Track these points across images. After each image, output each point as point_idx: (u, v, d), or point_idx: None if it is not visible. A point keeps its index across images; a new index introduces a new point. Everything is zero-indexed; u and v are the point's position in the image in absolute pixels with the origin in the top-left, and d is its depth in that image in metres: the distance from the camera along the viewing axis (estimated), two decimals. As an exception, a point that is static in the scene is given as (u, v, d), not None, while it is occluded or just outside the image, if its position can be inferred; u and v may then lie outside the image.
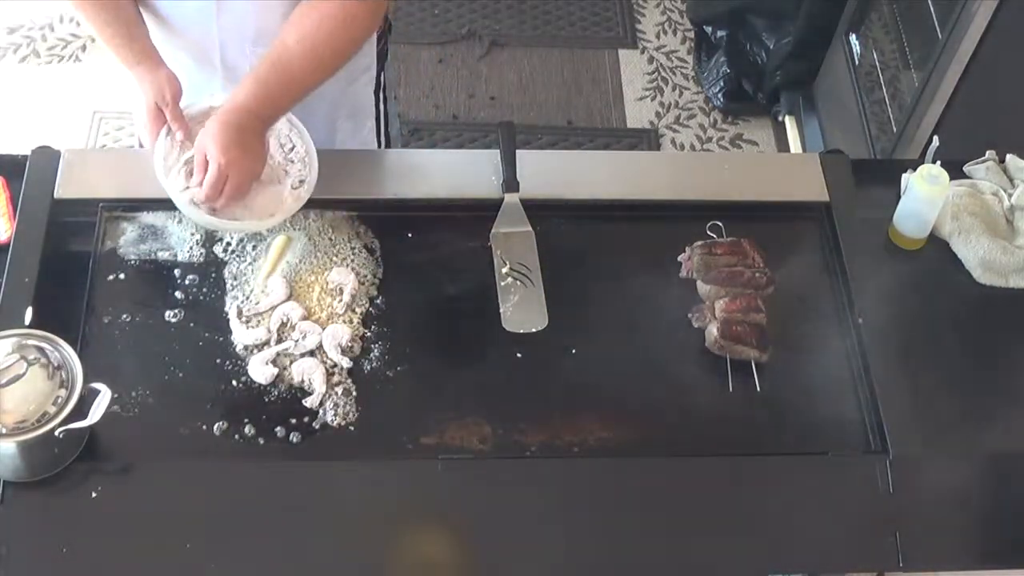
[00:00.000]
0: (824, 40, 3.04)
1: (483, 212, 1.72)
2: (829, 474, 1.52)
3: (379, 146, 2.03)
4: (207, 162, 1.58)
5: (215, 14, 1.71)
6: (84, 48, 3.29)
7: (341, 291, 1.62)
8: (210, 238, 1.67)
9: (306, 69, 1.61)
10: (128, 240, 1.66)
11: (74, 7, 1.68)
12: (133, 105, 1.70)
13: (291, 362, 1.55)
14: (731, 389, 1.58)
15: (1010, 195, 1.81)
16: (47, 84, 3.23)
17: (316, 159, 1.68)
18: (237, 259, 1.65)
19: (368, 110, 1.97)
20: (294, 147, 1.70)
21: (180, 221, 1.68)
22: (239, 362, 1.55)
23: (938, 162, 1.75)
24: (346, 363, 1.56)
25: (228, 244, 1.66)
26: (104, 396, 1.39)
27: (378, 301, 1.64)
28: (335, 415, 1.51)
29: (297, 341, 1.57)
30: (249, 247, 1.66)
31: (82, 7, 1.66)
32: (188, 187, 1.60)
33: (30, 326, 1.44)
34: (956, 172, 1.83)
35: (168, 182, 1.60)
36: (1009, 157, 1.86)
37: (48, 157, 1.72)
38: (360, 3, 1.60)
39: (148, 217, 1.68)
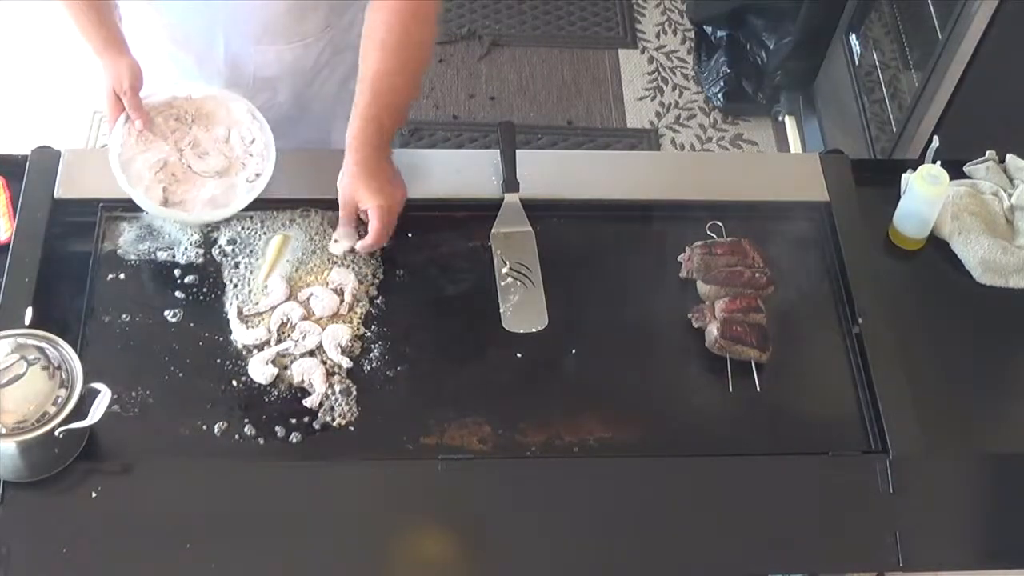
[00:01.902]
0: (824, 40, 3.04)
1: (483, 212, 1.72)
2: (829, 474, 1.52)
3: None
4: (356, 211, 1.62)
5: (219, 12, 1.71)
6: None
7: (341, 291, 1.62)
8: (209, 238, 1.67)
9: (402, 84, 1.62)
10: (128, 240, 1.66)
11: None
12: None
13: (291, 362, 1.55)
14: (731, 389, 1.58)
15: (1010, 195, 1.81)
16: (47, 84, 3.23)
17: (274, 153, 1.67)
18: (236, 259, 1.65)
19: None
20: (254, 140, 1.69)
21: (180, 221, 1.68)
22: (239, 362, 1.55)
23: (938, 162, 1.75)
24: (346, 363, 1.56)
25: (227, 243, 1.66)
26: (104, 396, 1.39)
27: (378, 301, 1.64)
28: (335, 415, 1.51)
29: (297, 341, 1.57)
30: (247, 247, 1.66)
31: None
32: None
33: (30, 326, 1.44)
34: (956, 172, 1.83)
35: (121, 174, 1.60)
36: (1009, 157, 1.86)
37: (48, 157, 1.72)
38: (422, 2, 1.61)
39: (148, 217, 1.68)
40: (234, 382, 1.54)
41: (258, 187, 1.64)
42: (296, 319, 1.59)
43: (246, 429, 1.49)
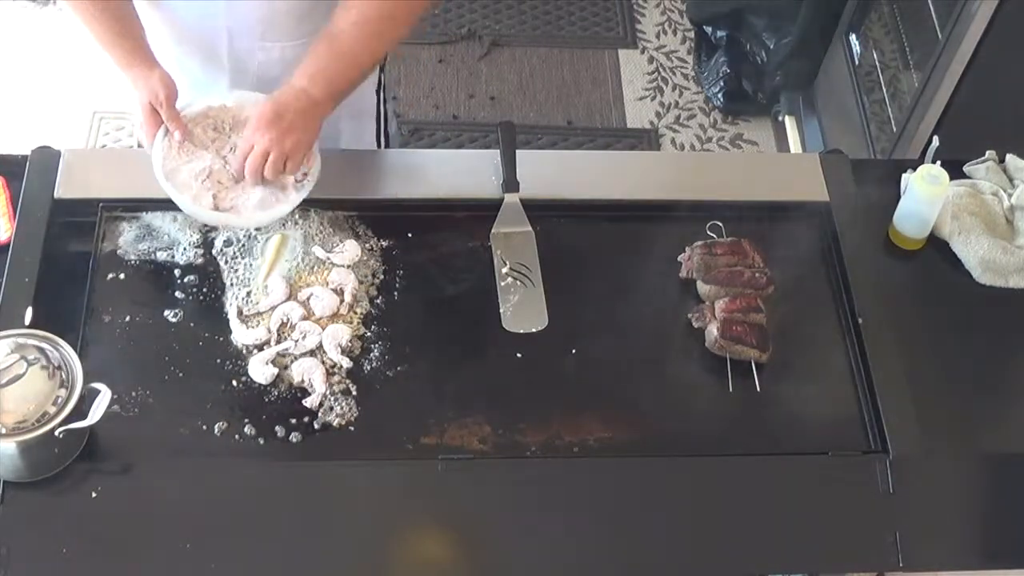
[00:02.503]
0: (824, 40, 3.04)
1: (483, 212, 1.72)
2: (829, 474, 1.52)
3: (379, 146, 2.02)
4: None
5: (224, 11, 1.71)
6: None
7: (341, 291, 1.62)
8: (208, 239, 1.67)
9: (361, 50, 1.62)
10: (128, 240, 1.66)
11: (68, 5, 1.67)
12: (131, 107, 1.69)
13: (291, 362, 1.55)
14: (731, 389, 1.58)
15: (1010, 195, 1.81)
16: (47, 84, 3.24)
17: (318, 151, 1.67)
18: (236, 259, 1.65)
19: (370, 111, 1.97)
20: None
21: (179, 221, 1.67)
22: (239, 362, 1.55)
23: (938, 162, 1.75)
24: (346, 363, 1.56)
25: (226, 243, 1.66)
26: (104, 396, 1.39)
27: (378, 301, 1.64)
28: (335, 415, 1.51)
29: (297, 341, 1.57)
30: (247, 247, 1.66)
31: (74, 5, 1.65)
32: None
33: (30, 326, 1.44)
34: (956, 172, 1.83)
35: (168, 184, 1.60)
36: (1009, 157, 1.86)
37: (48, 157, 1.72)
38: None
39: (148, 217, 1.68)
40: (234, 382, 1.54)
41: (307, 186, 1.63)
42: (296, 319, 1.59)
43: (246, 429, 1.49)
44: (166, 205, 1.65)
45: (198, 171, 1.62)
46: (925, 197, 1.71)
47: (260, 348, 1.56)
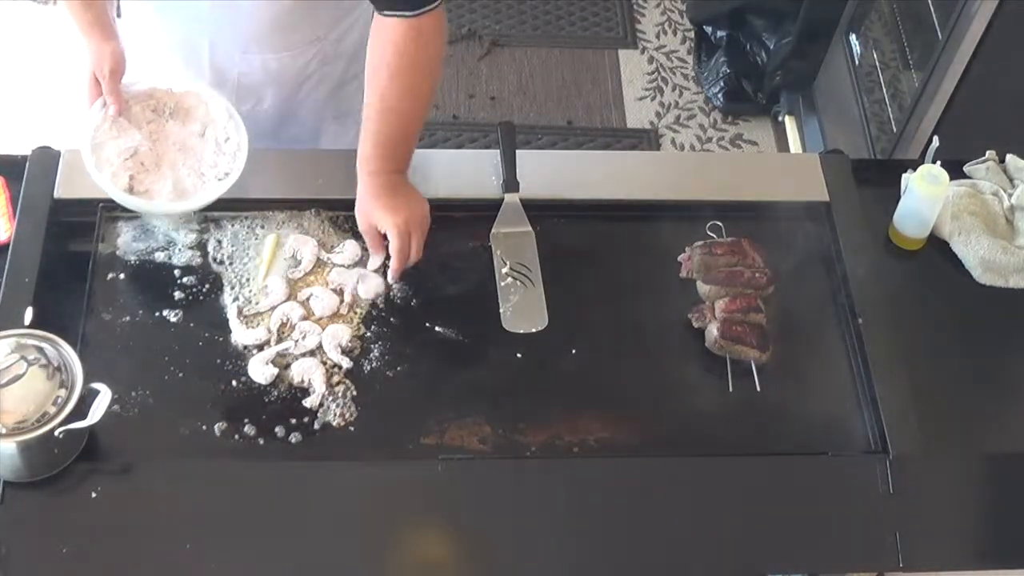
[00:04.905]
0: (824, 40, 3.04)
1: (483, 212, 1.72)
2: (829, 474, 1.52)
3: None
4: (380, 236, 1.60)
5: (206, 20, 1.71)
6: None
7: (341, 291, 1.62)
8: (206, 239, 1.67)
9: (411, 104, 1.59)
10: (127, 240, 1.66)
11: None
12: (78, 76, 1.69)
13: (291, 362, 1.55)
14: (731, 389, 1.58)
15: (1010, 195, 1.81)
16: (47, 84, 3.23)
17: (246, 154, 1.65)
18: (235, 259, 1.65)
19: (356, 114, 1.96)
20: (228, 139, 1.67)
21: (175, 221, 1.67)
22: (239, 362, 1.55)
23: (938, 162, 1.75)
24: (346, 363, 1.56)
25: (225, 244, 1.66)
26: (104, 396, 1.39)
27: (378, 301, 1.63)
28: (335, 415, 1.51)
29: (297, 341, 1.57)
30: (245, 247, 1.66)
31: None
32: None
33: (30, 326, 1.44)
34: (956, 172, 1.83)
35: (90, 157, 1.59)
36: (1009, 157, 1.86)
37: (48, 157, 1.72)
38: (424, 19, 1.53)
39: (148, 217, 1.68)
40: (234, 382, 1.54)
41: (224, 185, 1.63)
42: (296, 319, 1.59)
43: (246, 429, 1.49)
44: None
45: (123, 149, 1.62)
46: (925, 197, 1.71)
47: (260, 348, 1.56)
